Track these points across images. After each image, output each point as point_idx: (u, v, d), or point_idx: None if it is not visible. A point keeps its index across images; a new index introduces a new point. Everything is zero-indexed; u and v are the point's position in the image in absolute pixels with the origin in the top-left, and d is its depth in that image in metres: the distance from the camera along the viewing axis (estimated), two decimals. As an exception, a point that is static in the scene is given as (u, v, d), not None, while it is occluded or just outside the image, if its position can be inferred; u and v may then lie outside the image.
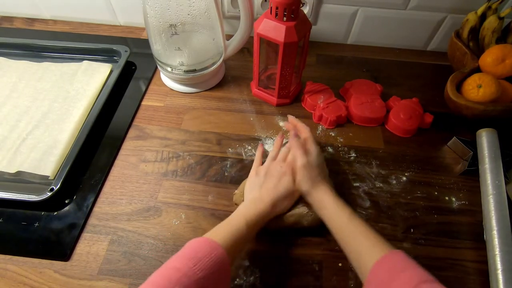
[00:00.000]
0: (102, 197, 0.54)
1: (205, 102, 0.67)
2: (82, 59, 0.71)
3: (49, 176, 0.53)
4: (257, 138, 0.61)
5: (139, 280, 0.46)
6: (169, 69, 0.64)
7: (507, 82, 0.59)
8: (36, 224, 0.50)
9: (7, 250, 0.48)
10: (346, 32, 0.77)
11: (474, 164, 0.56)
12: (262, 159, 0.53)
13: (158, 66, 0.67)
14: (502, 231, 0.47)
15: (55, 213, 0.51)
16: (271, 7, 0.52)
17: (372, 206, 0.53)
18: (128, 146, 0.60)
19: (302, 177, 0.47)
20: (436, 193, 0.55)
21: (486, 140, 0.56)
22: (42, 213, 0.51)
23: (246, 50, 0.76)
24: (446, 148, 0.61)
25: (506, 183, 0.52)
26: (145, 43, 0.73)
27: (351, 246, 0.41)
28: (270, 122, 0.64)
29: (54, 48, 0.73)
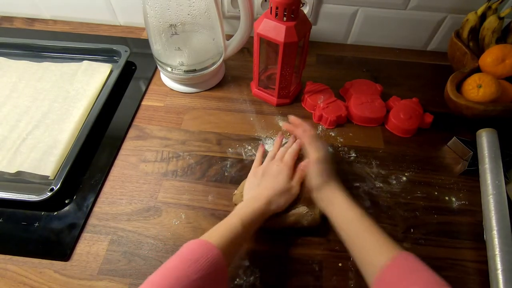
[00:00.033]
0: (102, 197, 0.54)
1: (205, 102, 0.67)
2: (82, 59, 0.71)
3: (49, 176, 0.53)
4: (257, 138, 0.62)
5: (139, 280, 0.46)
6: (169, 69, 0.64)
7: (507, 82, 0.59)
8: (36, 224, 0.50)
9: (7, 250, 0.48)
10: (346, 32, 0.77)
11: (474, 164, 0.56)
12: (262, 160, 0.53)
13: (158, 66, 0.67)
14: (502, 231, 0.47)
15: (55, 213, 0.51)
16: (271, 7, 0.52)
17: (372, 206, 0.53)
18: (128, 146, 0.60)
19: (315, 171, 0.46)
20: (436, 193, 0.55)
21: (486, 140, 0.56)
22: (42, 213, 0.51)
23: (246, 50, 0.76)
24: (446, 148, 0.61)
25: (506, 183, 0.52)
26: (145, 43, 0.73)
27: (359, 244, 0.41)
28: (270, 122, 0.64)
29: (54, 48, 0.73)
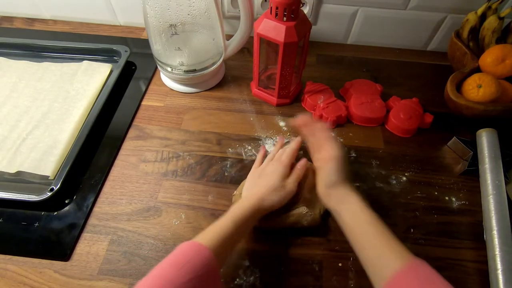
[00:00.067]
0: (102, 197, 0.54)
1: (205, 102, 0.67)
2: (82, 59, 0.71)
3: (49, 176, 0.53)
4: (257, 138, 0.61)
5: (139, 280, 0.45)
6: (169, 69, 0.64)
7: (507, 82, 0.59)
8: (36, 224, 0.50)
9: (7, 250, 0.48)
10: (346, 32, 0.77)
11: (474, 164, 0.56)
12: (262, 161, 0.53)
13: (158, 66, 0.67)
14: (502, 231, 0.47)
15: (55, 213, 0.51)
16: (271, 7, 0.52)
17: (372, 206, 0.53)
18: (128, 146, 0.60)
19: (332, 168, 0.45)
20: (436, 193, 0.55)
21: (486, 140, 0.56)
22: (42, 213, 0.51)
23: (246, 50, 0.76)
24: (446, 148, 0.61)
25: (506, 183, 0.52)
26: (145, 43, 0.73)
27: (370, 247, 0.40)
28: (270, 122, 0.64)
29: (54, 48, 0.73)
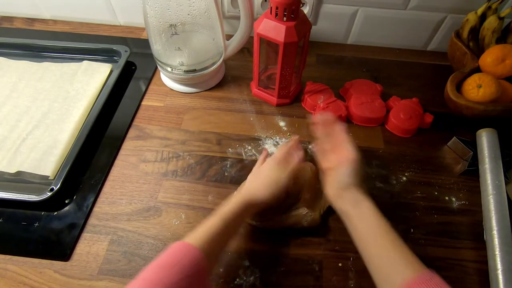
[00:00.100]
0: (102, 197, 0.54)
1: (205, 102, 0.67)
2: (82, 59, 0.71)
3: (49, 176, 0.53)
4: (257, 138, 0.61)
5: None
6: (169, 69, 0.64)
7: (507, 82, 0.59)
8: (36, 224, 0.50)
9: (7, 250, 0.48)
10: (346, 32, 0.77)
11: (474, 164, 0.56)
12: (263, 163, 0.53)
13: (158, 66, 0.67)
14: (502, 231, 0.47)
15: (55, 213, 0.51)
16: (271, 7, 0.52)
17: (372, 206, 0.53)
18: (128, 146, 0.60)
19: (350, 169, 0.44)
20: (436, 193, 0.55)
21: (486, 140, 0.56)
22: (42, 213, 0.51)
23: (246, 50, 0.76)
24: (446, 148, 0.61)
25: (506, 183, 0.52)
26: (145, 43, 0.73)
27: (381, 253, 0.39)
28: (270, 122, 0.64)
29: (54, 48, 0.73)
